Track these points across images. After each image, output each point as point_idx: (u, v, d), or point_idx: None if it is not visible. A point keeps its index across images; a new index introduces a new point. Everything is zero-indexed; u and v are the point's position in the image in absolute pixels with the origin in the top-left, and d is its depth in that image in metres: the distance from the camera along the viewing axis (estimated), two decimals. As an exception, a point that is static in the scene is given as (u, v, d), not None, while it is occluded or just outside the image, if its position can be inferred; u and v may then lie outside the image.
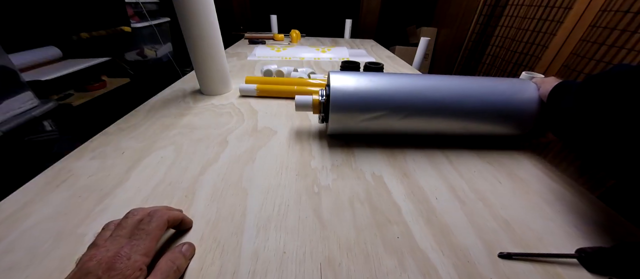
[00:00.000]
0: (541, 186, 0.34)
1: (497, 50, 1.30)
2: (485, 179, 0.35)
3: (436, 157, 0.39)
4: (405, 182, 0.34)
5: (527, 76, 0.50)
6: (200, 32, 0.50)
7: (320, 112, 0.40)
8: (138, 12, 1.51)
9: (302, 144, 0.41)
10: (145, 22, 1.51)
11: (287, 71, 0.68)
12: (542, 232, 0.27)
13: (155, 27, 1.55)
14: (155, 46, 1.64)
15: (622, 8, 0.72)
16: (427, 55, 1.96)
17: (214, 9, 0.50)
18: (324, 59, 0.97)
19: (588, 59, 0.81)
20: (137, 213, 0.22)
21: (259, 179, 0.33)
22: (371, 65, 0.69)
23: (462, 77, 0.39)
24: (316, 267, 0.23)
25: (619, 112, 0.23)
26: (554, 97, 0.34)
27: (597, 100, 0.25)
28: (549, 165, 0.39)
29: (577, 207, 0.31)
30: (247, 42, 1.22)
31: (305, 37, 1.39)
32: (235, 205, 0.29)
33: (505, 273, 0.23)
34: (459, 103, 0.37)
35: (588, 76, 0.28)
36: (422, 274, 0.23)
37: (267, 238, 0.25)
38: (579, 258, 0.24)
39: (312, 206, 0.29)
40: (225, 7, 1.93)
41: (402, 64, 0.95)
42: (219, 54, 0.55)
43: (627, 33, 0.70)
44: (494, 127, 0.39)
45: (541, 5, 1.03)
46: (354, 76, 0.38)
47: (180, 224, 0.25)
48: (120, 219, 0.22)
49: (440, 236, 0.26)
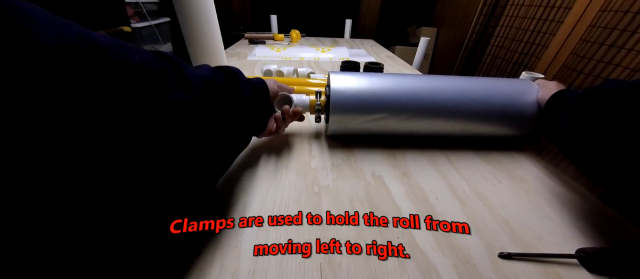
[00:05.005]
0: (541, 186, 0.34)
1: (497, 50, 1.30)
2: (485, 179, 0.35)
3: (436, 157, 0.39)
4: (405, 182, 0.34)
5: (527, 76, 0.50)
6: (200, 32, 0.50)
7: (317, 112, 0.40)
8: (138, 12, 1.51)
9: (302, 144, 0.41)
10: (145, 22, 1.51)
11: (287, 71, 0.68)
12: (542, 232, 0.27)
13: (155, 27, 1.56)
14: (155, 46, 1.64)
15: (622, 8, 0.72)
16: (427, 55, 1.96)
17: (214, 9, 0.50)
18: (324, 59, 0.97)
19: (588, 59, 0.81)
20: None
21: (259, 179, 0.33)
22: (371, 65, 0.69)
23: (463, 78, 0.39)
24: (316, 267, 0.23)
25: (616, 129, 0.23)
26: (552, 106, 0.34)
27: (595, 117, 0.26)
28: (549, 165, 0.39)
29: (577, 207, 0.31)
30: (247, 42, 1.22)
31: (305, 37, 1.39)
32: (236, 205, 0.29)
33: (505, 273, 0.23)
34: (460, 106, 0.37)
35: (586, 91, 0.29)
36: (422, 274, 0.23)
37: (267, 238, 0.25)
38: (579, 258, 0.24)
39: (312, 205, 0.29)
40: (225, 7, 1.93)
41: (402, 64, 0.95)
42: (219, 54, 0.55)
43: (627, 33, 0.70)
44: (495, 129, 0.39)
45: (541, 5, 1.03)
46: (355, 76, 0.38)
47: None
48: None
49: (440, 236, 0.26)
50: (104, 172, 0.14)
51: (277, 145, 0.40)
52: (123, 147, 0.15)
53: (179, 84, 0.19)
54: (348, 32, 1.48)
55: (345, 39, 1.45)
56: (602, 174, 0.26)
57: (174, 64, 0.20)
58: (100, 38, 0.15)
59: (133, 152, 0.16)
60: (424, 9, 2.05)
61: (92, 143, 0.14)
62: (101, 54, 0.14)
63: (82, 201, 0.14)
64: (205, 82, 0.22)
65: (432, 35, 1.94)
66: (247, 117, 0.27)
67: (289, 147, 0.40)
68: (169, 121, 0.17)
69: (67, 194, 0.13)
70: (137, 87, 0.16)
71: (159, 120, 0.17)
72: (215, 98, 0.22)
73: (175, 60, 0.20)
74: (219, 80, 0.24)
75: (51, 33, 0.12)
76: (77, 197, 0.14)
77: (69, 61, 0.13)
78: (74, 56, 0.13)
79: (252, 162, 0.36)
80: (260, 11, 2.01)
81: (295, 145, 0.41)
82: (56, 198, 0.13)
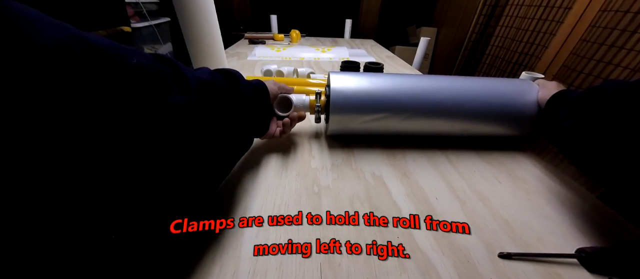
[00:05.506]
0: (541, 186, 0.34)
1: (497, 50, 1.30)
2: (485, 179, 0.35)
3: (436, 157, 0.39)
4: (405, 182, 0.34)
5: (527, 76, 0.50)
6: (200, 32, 0.50)
7: (317, 112, 0.40)
8: (138, 12, 1.51)
9: (302, 144, 0.41)
10: (145, 22, 1.51)
11: (287, 71, 0.68)
12: (542, 232, 0.27)
13: (155, 27, 1.55)
14: (155, 46, 1.64)
15: (622, 8, 0.72)
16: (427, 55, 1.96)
17: (214, 9, 0.50)
18: (324, 59, 0.97)
19: (588, 59, 0.81)
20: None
21: (259, 179, 0.33)
22: (371, 65, 0.69)
23: (463, 78, 0.39)
24: (316, 267, 0.23)
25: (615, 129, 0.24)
26: (552, 106, 0.34)
27: (595, 117, 0.26)
28: (549, 165, 0.39)
29: (577, 207, 0.31)
30: (247, 42, 1.22)
31: (305, 37, 1.39)
32: (236, 205, 0.29)
33: (505, 273, 0.23)
34: (460, 106, 0.37)
35: (586, 91, 0.29)
36: (422, 274, 0.23)
37: (267, 238, 0.25)
38: (579, 258, 0.24)
39: (312, 205, 0.29)
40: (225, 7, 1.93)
41: (402, 64, 0.95)
42: (219, 54, 0.55)
43: (627, 33, 0.70)
44: (495, 129, 0.39)
45: (541, 5, 1.03)
46: (355, 76, 0.38)
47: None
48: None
49: (440, 236, 0.26)
50: (103, 173, 0.14)
51: (277, 145, 0.40)
52: (122, 148, 0.15)
53: (178, 87, 0.19)
54: (348, 32, 1.48)
55: (345, 39, 1.45)
56: (602, 174, 0.26)
57: (173, 67, 0.20)
58: (98, 40, 0.15)
59: (132, 154, 0.16)
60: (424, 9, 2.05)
61: (90, 143, 0.14)
62: (98, 55, 0.14)
63: (80, 200, 0.14)
64: (205, 85, 0.22)
65: (432, 35, 1.94)
66: (248, 119, 0.27)
67: (289, 147, 0.40)
68: (168, 123, 0.17)
69: (64, 194, 0.13)
70: (135, 89, 0.16)
71: (158, 122, 0.17)
72: (215, 100, 0.22)
73: (174, 63, 0.20)
74: (219, 82, 0.24)
75: (47, 34, 0.12)
76: (75, 197, 0.13)
77: (65, 62, 0.13)
78: (70, 57, 0.13)
79: (252, 162, 0.36)
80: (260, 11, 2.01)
81: (295, 145, 0.41)
82: (54, 198, 0.13)
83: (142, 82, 0.16)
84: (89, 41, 0.14)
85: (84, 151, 0.13)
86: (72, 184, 0.13)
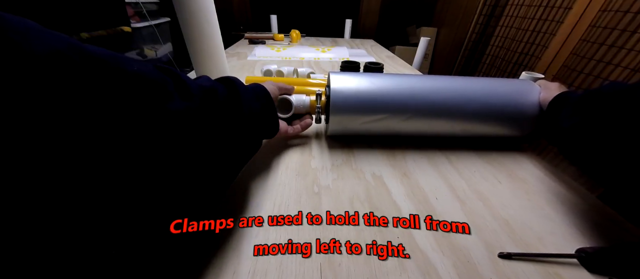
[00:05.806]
0: (541, 186, 0.34)
1: (497, 51, 1.30)
2: (485, 179, 0.35)
3: (436, 157, 0.39)
4: (405, 182, 0.34)
5: (527, 76, 0.50)
6: (200, 32, 0.50)
7: (317, 112, 0.40)
8: (138, 12, 1.51)
9: (302, 144, 0.41)
10: (145, 22, 1.51)
11: (287, 71, 0.68)
12: (542, 232, 0.27)
13: (155, 27, 1.55)
14: (155, 46, 1.64)
15: (622, 8, 0.72)
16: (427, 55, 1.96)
17: (214, 9, 0.50)
18: (324, 59, 0.97)
19: (588, 59, 0.81)
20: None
21: (259, 178, 0.33)
22: (371, 65, 0.69)
23: (464, 78, 0.39)
24: (316, 267, 0.23)
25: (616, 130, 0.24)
26: (554, 108, 0.33)
27: (595, 118, 0.26)
28: (549, 165, 0.39)
29: (577, 207, 0.31)
30: (247, 42, 1.22)
31: (305, 37, 1.39)
32: (236, 205, 0.29)
33: (505, 273, 0.23)
34: (461, 106, 0.37)
35: (587, 92, 0.29)
36: (422, 274, 0.23)
37: (267, 238, 0.25)
38: (579, 258, 0.24)
39: (312, 205, 0.29)
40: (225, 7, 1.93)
41: (402, 64, 0.95)
42: (219, 54, 0.55)
43: (627, 33, 0.70)
44: (495, 130, 0.39)
45: (541, 5, 1.03)
46: (355, 77, 0.38)
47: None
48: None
49: (440, 236, 0.26)
50: (103, 176, 0.14)
51: (277, 145, 0.40)
52: (122, 155, 0.15)
53: (179, 94, 0.19)
54: (348, 32, 1.48)
55: (345, 39, 1.45)
56: (603, 174, 0.26)
57: (173, 76, 0.20)
58: (96, 50, 0.15)
59: (134, 161, 0.15)
60: (424, 9, 2.05)
61: (89, 149, 0.14)
62: (95, 63, 0.14)
63: (78, 205, 0.14)
64: (206, 91, 0.22)
65: (432, 35, 1.94)
66: (251, 122, 0.27)
67: (289, 147, 0.40)
68: (170, 129, 0.17)
69: (62, 198, 0.13)
70: (135, 95, 0.16)
71: (160, 128, 0.17)
72: (217, 106, 0.22)
73: (174, 72, 0.20)
74: (219, 88, 0.24)
75: (40, 43, 0.12)
76: (73, 201, 0.13)
77: (60, 69, 0.12)
78: (65, 64, 0.13)
79: (252, 162, 0.36)
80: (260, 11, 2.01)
81: (295, 145, 0.41)
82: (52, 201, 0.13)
83: (141, 89, 0.16)
84: (85, 50, 0.14)
85: (84, 155, 0.13)
86: (70, 186, 0.13)
